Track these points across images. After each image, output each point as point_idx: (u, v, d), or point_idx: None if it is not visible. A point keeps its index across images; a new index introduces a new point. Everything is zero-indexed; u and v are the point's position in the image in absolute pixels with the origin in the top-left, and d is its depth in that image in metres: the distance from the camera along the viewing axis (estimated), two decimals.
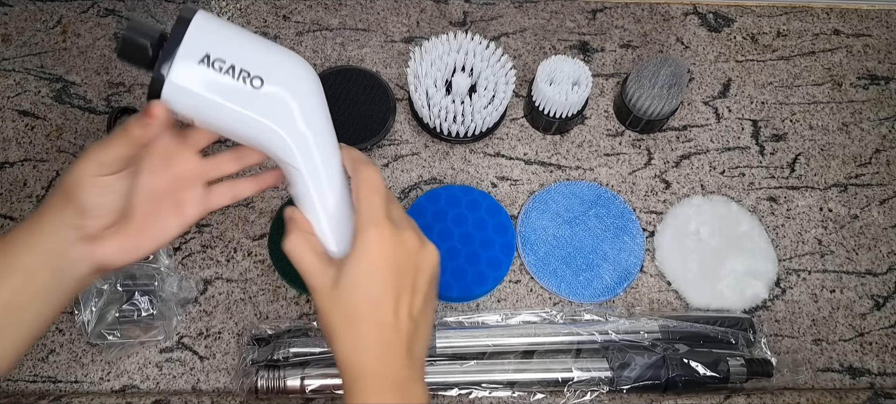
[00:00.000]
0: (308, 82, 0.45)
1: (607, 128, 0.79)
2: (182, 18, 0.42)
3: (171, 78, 0.42)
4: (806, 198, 0.76)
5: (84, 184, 0.43)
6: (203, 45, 0.42)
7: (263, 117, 0.44)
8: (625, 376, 0.63)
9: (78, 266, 0.44)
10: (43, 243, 0.43)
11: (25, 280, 0.43)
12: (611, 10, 0.85)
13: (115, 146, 0.43)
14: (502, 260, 0.70)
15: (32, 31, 0.80)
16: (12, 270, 0.43)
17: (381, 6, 0.83)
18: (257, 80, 0.43)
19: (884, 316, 0.71)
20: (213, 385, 0.65)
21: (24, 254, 0.43)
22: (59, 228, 0.44)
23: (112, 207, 0.45)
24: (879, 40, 0.86)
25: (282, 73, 0.44)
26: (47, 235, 0.43)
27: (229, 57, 0.43)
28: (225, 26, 0.44)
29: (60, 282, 0.44)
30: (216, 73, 0.42)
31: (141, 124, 0.42)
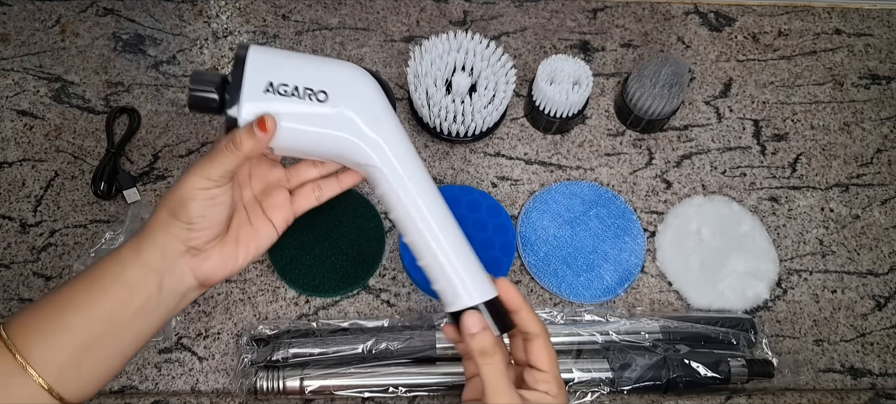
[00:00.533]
0: (367, 85, 0.48)
1: (608, 128, 0.78)
2: (238, 58, 0.45)
3: (243, 116, 0.44)
4: (807, 198, 0.76)
5: (193, 196, 0.44)
6: (264, 76, 0.45)
7: (336, 129, 0.46)
8: (625, 377, 0.63)
9: (182, 281, 0.45)
10: (148, 259, 0.44)
11: (129, 295, 0.43)
12: (611, 10, 0.85)
13: (223, 160, 0.44)
14: (502, 260, 0.70)
15: (31, 30, 0.79)
16: (117, 284, 0.43)
17: (380, 5, 0.83)
18: (322, 93, 0.45)
19: (885, 317, 0.71)
20: (212, 386, 0.65)
21: (130, 269, 0.44)
22: (166, 242, 0.44)
23: (217, 220, 0.46)
24: (881, 40, 0.86)
25: (343, 83, 0.46)
26: (153, 250, 0.44)
27: (291, 79, 0.45)
28: (279, 53, 0.46)
29: (163, 297, 0.45)
30: (283, 97, 0.45)
31: (252, 137, 0.44)
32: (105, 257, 0.44)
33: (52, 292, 0.43)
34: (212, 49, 0.80)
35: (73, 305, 0.42)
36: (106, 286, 0.43)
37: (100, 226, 0.71)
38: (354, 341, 0.63)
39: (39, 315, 0.42)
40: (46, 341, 0.41)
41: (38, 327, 0.41)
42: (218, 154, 0.44)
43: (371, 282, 0.69)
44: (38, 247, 0.70)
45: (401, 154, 0.48)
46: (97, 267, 0.44)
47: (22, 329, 0.41)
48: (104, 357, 0.43)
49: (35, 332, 0.41)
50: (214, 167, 0.44)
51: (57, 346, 0.41)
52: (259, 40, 0.80)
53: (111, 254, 0.45)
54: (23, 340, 0.41)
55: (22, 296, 0.68)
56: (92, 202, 0.72)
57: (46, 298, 0.43)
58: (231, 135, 0.44)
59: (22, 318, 0.42)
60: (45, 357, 0.41)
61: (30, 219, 0.71)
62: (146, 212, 0.70)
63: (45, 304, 0.43)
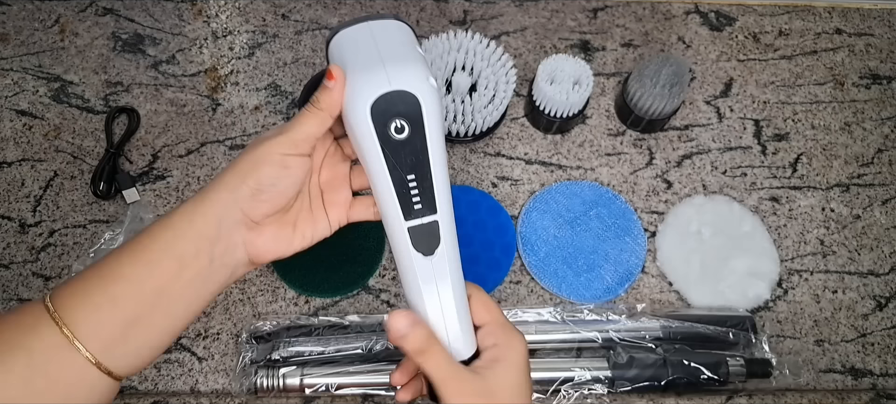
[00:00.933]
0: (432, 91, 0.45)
1: (608, 128, 0.78)
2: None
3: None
4: (808, 198, 0.76)
5: (271, 160, 0.42)
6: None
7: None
8: (625, 376, 0.63)
9: (234, 253, 0.43)
10: (203, 228, 0.42)
11: (180, 267, 0.41)
12: (612, 9, 0.84)
13: (306, 123, 0.43)
14: (503, 261, 0.69)
15: (30, 30, 0.79)
16: (167, 256, 0.41)
17: (380, 5, 0.83)
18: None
19: (886, 317, 0.71)
20: (212, 386, 0.65)
21: (182, 239, 0.41)
22: (225, 210, 0.42)
23: (285, 192, 0.44)
24: (881, 39, 0.85)
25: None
26: (209, 218, 0.42)
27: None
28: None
29: (213, 270, 0.43)
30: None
31: (325, 90, 0.42)
32: (156, 223, 0.42)
33: (99, 263, 0.41)
34: (211, 49, 0.80)
35: (121, 277, 0.40)
36: (155, 257, 0.41)
37: (99, 226, 0.71)
38: (355, 339, 0.63)
39: (86, 287, 0.40)
40: (94, 314, 0.39)
41: (85, 300, 0.39)
42: (300, 117, 0.43)
43: (371, 282, 0.69)
44: (38, 247, 0.70)
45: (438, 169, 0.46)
46: (147, 234, 0.42)
47: (68, 300, 0.39)
48: (153, 331, 0.42)
49: (82, 305, 0.39)
50: (297, 129, 0.42)
51: (104, 320, 0.39)
52: (259, 40, 0.80)
53: (162, 220, 0.42)
54: (70, 313, 0.39)
55: (21, 296, 0.67)
56: (91, 202, 0.72)
57: (92, 269, 0.41)
58: (312, 98, 0.43)
59: (67, 290, 0.40)
60: (94, 331, 0.39)
61: (29, 219, 0.71)
62: (146, 212, 0.70)
63: (91, 276, 0.41)
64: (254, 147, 0.43)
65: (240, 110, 0.77)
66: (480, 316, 0.46)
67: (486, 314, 0.46)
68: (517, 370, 0.44)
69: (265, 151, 0.42)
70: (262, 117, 0.76)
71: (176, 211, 0.42)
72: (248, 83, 0.78)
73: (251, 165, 0.42)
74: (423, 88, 0.42)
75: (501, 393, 0.43)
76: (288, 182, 0.43)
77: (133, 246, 0.41)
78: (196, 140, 0.75)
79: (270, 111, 0.77)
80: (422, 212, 0.44)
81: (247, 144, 0.44)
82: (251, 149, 0.43)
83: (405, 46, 0.44)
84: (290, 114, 0.76)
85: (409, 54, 0.43)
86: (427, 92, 0.42)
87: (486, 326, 0.46)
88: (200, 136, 0.75)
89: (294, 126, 0.43)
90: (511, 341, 0.45)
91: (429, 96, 0.42)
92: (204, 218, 0.42)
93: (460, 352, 0.45)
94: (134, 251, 0.41)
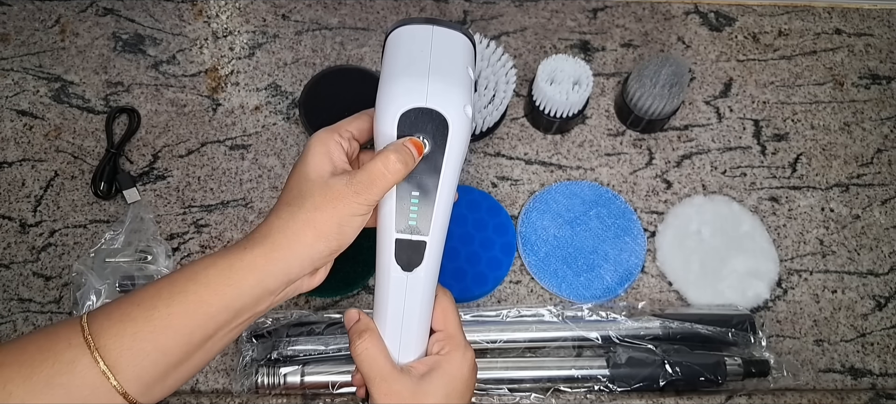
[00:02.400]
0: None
1: (608, 128, 0.78)
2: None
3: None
4: (807, 198, 0.76)
5: (353, 224, 0.42)
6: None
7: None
8: (624, 376, 0.63)
9: (284, 299, 0.43)
10: (270, 285, 0.41)
11: (234, 316, 0.41)
12: (612, 9, 0.85)
13: (383, 184, 0.41)
14: (502, 260, 0.70)
15: (31, 30, 0.79)
16: (225, 310, 0.40)
17: (380, 5, 0.83)
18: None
19: (885, 317, 0.71)
20: (212, 386, 0.65)
21: (245, 295, 0.40)
22: (301, 268, 0.41)
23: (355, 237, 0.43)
24: (881, 40, 0.86)
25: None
26: (279, 277, 0.41)
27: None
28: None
29: (260, 314, 0.43)
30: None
31: (405, 153, 0.41)
32: (214, 271, 0.40)
33: (148, 304, 0.39)
34: (211, 49, 0.80)
35: (171, 328, 0.39)
36: (213, 313, 0.40)
37: (100, 226, 0.71)
38: None
39: (132, 330, 0.39)
40: (141, 362, 0.38)
41: (133, 346, 0.38)
42: (378, 177, 0.41)
43: (371, 282, 0.69)
44: (38, 247, 0.70)
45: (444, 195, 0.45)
46: (204, 286, 0.40)
47: (112, 341, 0.38)
48: (192, 368, 0.41)
49: (129, 349, 0.38)
50: (372, 191, 0.41)
51: (149, 367, 0.39)
52: (259, 40, 0.80)
53: (223, 272, 0.40)
54: (113, 354, 0.38)
55: (22, 296, 0.68)
56: (92, 202, 0.72)
57: (141, 311, 0.39)
58: (385, 160, 0.41)
59: (111, 328, 0.39)
60: (137, 376, 0.38)
61: (29, 219, 0.71)
62: (146, 212, 0.70)
63: (138, 318, 0.39)
64: (333, 207, 0.41)
65: (240, 110, 0.77)
66: (437, 321, 0.47)
67: (442, 321, 0.47)
68: (452, 380, 0.45)
69: (348, 216, 0.41)
70: (262, 117, 0.76)
71: (238, 260, 0.40)
72: (248, 83, 0.78)
73: (335, 230, 0.41)
74: (456, 115, 0.42)
75: (430, 398, 0.44)
76: (360, 230, 0.43)
77: (186, 293, 0.40)
78: (196, 140, 0.75)
79: (271, 111, 0.77)
80: (414, 230, 0.44)
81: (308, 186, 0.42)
82: (329, 208, 0.41)
83: (457, 65, 0.43)
84: (290, 114, 0.77)
85: (456, 75, 0.43)
86: (459, 119, 0.42)
87: (438, 333, 0.47)
88: (201, 136, 0.75)
89: (370, 188, 0.41)
90: (454, 353, 0.45)
91: (459, 124, 0.42)
92: (273, 276, 0.41)
93: (408, 360, 0.46)
94: (187, 301, 0.40)
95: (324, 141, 0.44)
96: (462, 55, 0.44)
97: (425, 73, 0.42)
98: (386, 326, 0.46)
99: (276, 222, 0.41)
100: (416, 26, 0.44)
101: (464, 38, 0.44)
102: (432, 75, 0.42)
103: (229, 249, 0.41)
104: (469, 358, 0.46)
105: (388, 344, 0.46)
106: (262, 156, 0.75)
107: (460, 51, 0.44)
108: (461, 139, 0.42)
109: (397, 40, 0.44)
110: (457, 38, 0.44)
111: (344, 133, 0.45)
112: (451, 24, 0.44)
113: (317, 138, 0.44)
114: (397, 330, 0.46)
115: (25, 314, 0.67)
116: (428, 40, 0.43)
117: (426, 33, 0.43)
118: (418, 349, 0.46)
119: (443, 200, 0.43)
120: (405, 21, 0.44)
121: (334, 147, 0.44)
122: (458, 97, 0.42)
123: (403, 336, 0.46)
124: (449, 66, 0.43)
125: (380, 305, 0.46)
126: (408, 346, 0.46)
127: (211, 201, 0.72)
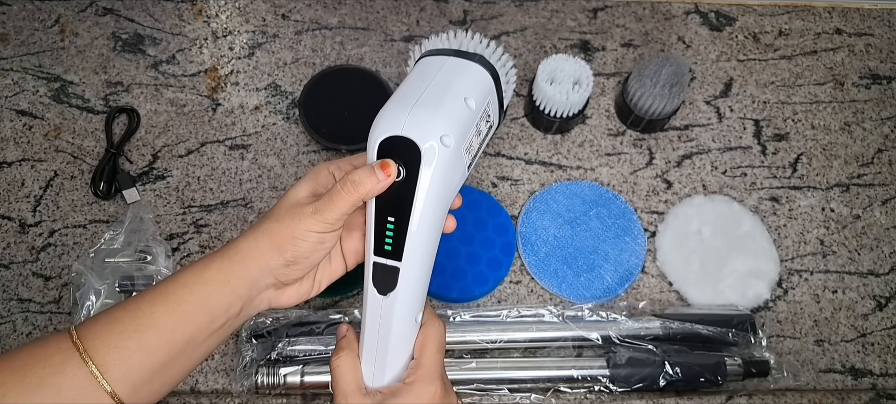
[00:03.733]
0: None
1: (608, 128, 0.78)
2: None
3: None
4: (808, 198, 0.76)
5: (306, 237, 0.43)
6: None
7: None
8: (624, 376, 0.63)
9: (258, 307, 0.46)
10: (237, 287, 0.44)
11: (211, 319, 0.43)
12: (612, 9, 0.84)
13: (341, 204, 0.43)
14: (502, 260, 0.69)
15: (30, 30, 0.79)
16: (201, 311, 0.43)
17: (380, 5, 0.83)
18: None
19: (886, 317, 0.71)
20: (212, 386, 0.65)
21: (217, 295, 0.43)
22: (259, 275, 0.44)
23: (316, 261, 0.46)
24: (881, 39, 0.85)
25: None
26: (244, 280, 0.44)
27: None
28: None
29: (238, 320, 0.45)
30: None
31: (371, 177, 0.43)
32: (189, 273, 0.44)
33: (132, 307, 0.43)
34: (211, 49, 0.80)
35: (154, 326, 0.42)
36: (191, 311, 0.43)
37: (99, 226, 0.71)
38: None
39: (120, 330, 0.42)
40: (126, 360, 0.41)
41: (119, 345, 0.41)
42: (336, 197, 0.43)
43: None
44: (38, 247, 0.70)
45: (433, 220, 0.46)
46: (182, 285, 0.43)
47: (99, 342, 0.41)
48: (177, 372, 0.44)
49: (115, 349, 0.41)
50: (333, 209, 0.43)
51: (135, 365, 0.41)
52: (258, 40, 0.80)
53: (196, 271, 0.44)
54: (101, 355, 0.40)
55: (21, 296, 0.67)
56: (91, 202, 0.72)
57: (125, 312, 0.42)
58: (349, 177, 0.43)
59: (99, 330, 0.42)
60: (124, 375, 0.41)
61: (29, 219, 0.71)
62: (146, 212, 0.70)
63: (123, 318, 0.42)
64: (292, 223, 0.43)
65: (240, 110, 0.77)
66: (416, 349, 0.47)
67: (419, 350, 0.47)
68: None
69: (303, 230, 0.43)
70: (262, 117, 0.76)
71: (210, 263, 0.44)
72: (248, 83, 0.78)
73: (288, 240, 0.43)
74: (430, 145, 0.41)
75: None
76: (320, 253, 0.45)
77: (166, 294, 0.43)
78: (196, 140, 0.75)
79: (270, 111, 0.77)
80: (389, 255, 0.44)
81: (280, 203, 0.45)
82: (289, 223, 0.43)
83: (451, 95, 0.43)
84: (289, 114, 0.77)
85: (445, 105, 0.43)
86: (433, 150, 0.42)
87: (413, 361, 0.47)
88: (200, 136, 0.75)
89: (329, 206, 0.43)
90: (417, 385, 0.45)
91: (433, 155, 0.42)
92: (238, 280, 0.44)
93: (380, 384, 0.47)
94: (168, 301, 0.43)
95: (317, 170, 0.47)
96: (464, 86, 0.44)
97: (412, 102, 0.42)
98: (364, 346, 0.47)
99: (247, 232, 0.45)
100: (435, 57, 0.45)
101: (477, 69, 0.45)
102: (418, 105, 0.42)
103: (207, 255, 0.45)
104: (431, 392, 0.45)
105: (364, 365, 0.47)
106: (261, 156, 0.75)
107: (464, 81, 0.44)
108: (439, 168, 0.42)
109: (415, 69, 0.45)
110: (470, 68, 0.44)
111: (343, 166, 0.47)
112: (471, 55, 0.44)
113: (313, 168, 0.48)
114: (372, 351, 0.47)
115: (25, 314, 0.67)
116: (435, 71, 0.44)
117: (438, 63, 0.45)
118: (392, 373, 0.47)
119: (420, 229, 0.43)
120: (431, 51, 0.45)
121: (324, 177, 0.47)
122: (437, 127, 0.42)
123: (377, 359, 0.46)
124: (440, 96, 0.43)
125: (362, 326, 0.47)
126: (381, 369, 0.47)
127: (211, 201, 0.72)
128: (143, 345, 0.41)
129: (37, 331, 0.66)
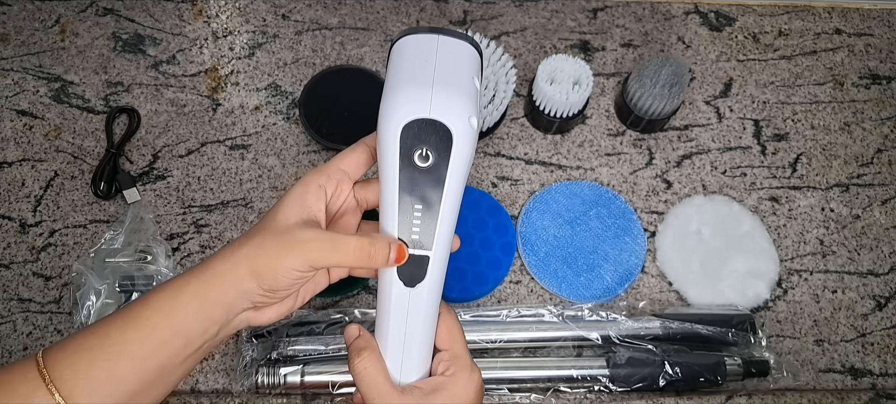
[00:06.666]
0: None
1: (608, 128, 0.78)
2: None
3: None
4: (808, 198, 0.76)
5: (290, 275, 0.41)
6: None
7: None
8: (624, 376, 0.63)
9: (235, 329, 0.44)
10: (212, 313, 0.41)
11: (186, 344, 0.41)
12: (612, 9, 0.85)
13: (326, 256, 0.41)
14: (502, 260, 0.69)
15: (31, 30, 0.79)
16: (176, 337, 0.41)
17: (380, 5, 0.83)
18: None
19: (885, 317, 0.71)
20: (212, 386, 0.65)
21: (191, 321, 0.41)
22: (236, 300, 0.42)
23: (297, 288, 0.44)
24: (881, 40, 0.86)
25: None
26: (219, 305, 0.41)
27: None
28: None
29: (215, 342, 0.43)
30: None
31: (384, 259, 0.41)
32: (163, 297, 0.41)
33: (102, 333, 0.40)
34: (211, 49, 0.80)
35: (126, 354, 0.40)
36: (165, 338, 0.40)
37: (99, 226, 0.71)
38: None
39: (89, 359, 0.39)
40: (96, 391, 0.39)
41: (88, 376, 0.39)
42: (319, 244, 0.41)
43: (371, 282, 0.69)
44: (38, 247, 0.70)
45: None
46: (155, 310, 0.41)
47: (67, 372, 0.39)
48: (151, 398, 0.42)
49: (84, 381, 0.39)
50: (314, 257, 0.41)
51: (105, 397, 0.39)
52: (259, 40, 0.80)
53: (170, 294, 0.41)
54: (69, 387, 0.38)
55: (22, 296, 0.68)
56: (92, 202, 0.72)
57: (94, 338, 0.40)
58: (358, 241, 0.41)
59: (66, 359, 0.39)
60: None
61: (29, 219, 0.71)
62: (146, 212, 0.70)
63: (92, 346, 0.40)
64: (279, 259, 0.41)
65: (240, 110, 0.77)
66: (442, 340, 0.46)
67: (448, 340, 0.46)
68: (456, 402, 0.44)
69: (288, 268, 0.41)
70: (262, 117, 0.76)
71: (185, 286, 0.41)
72: (248, 83, 0.78)
73: (269, 273, 0.41)
74: (461, 126, 0.40)
75: None
76: (300, 284, 0.43)
77: (139, 319, 0.41)
78: (196, 140, 0.75)
79: (271, 111, 0.77)
80: (417, 244, 0.43)
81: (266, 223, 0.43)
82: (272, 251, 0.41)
83: (462, 75, 0.42)
84: (290, 114, 0.77)
85: (462, 85, 0.41)
86: (463, 131, 0.40)
87: (443, 353, 0.46)
88: (201, 136, 0.75)
89: (322, 255, 0.41)
90: (459, 374, 0.44)
91: (463, 136, 0.40)
92: (214, 304, 0.41)
93: (410, 380, 0.45)
94: (140, 326, 0.40)
95: (306, 184, 0.43)
96: (468, 65, 0.42)
97: (429, 83, 0.40)
98: (387, 344, 0.45)
99: (225, 252, 0.42)
100: (421, 35, 0.42)
101: (470, 48, 0.43)
102: (436, 85, 0.40)
103: (180, 276, 0.42)
104: (475, 380, 0.45)
105: (389, 363, 0.45)
106: (261, 156, 0.75)
107: (466, 61, 0.43)
108: (466, 151, 0.41)
109: (402, 50, 0.43)
110: (463, 47, 0.43)
111: (334, 174, 0.44)
112: (458, 34, 0.43)
113: (301, 181, 0.44)
114: (399, 348, 0.45)
115: (25, 314, 0.67)
116: (433, 50, 0.42)
117: (431, 43, 0.42)
118: (421, 369, 0.45)
119: (447, 214, 0.42)
120: (410, 30, 0.43)
121: (313, 193, 0.43)
122: (463, 108, 0.40)
123: (405, 355, 0.45)
124: (454, 76, 0.41)
125: (381, 323, 0.45)
126: (410, 366, 0.45)
127: (211, 201, 0.72)
128: (113, 376, 0.39)
129: (37, 331, 0.66)
